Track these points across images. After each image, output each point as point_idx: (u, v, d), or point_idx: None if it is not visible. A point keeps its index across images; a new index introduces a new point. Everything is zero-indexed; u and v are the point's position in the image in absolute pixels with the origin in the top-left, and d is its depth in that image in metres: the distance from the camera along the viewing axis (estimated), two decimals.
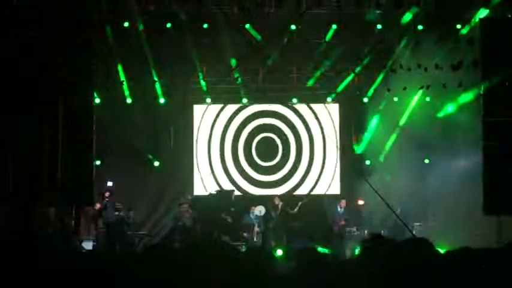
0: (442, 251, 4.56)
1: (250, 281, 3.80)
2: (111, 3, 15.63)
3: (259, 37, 17.10)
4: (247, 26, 16.90)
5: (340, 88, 18.46)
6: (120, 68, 17.34)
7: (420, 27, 16.09)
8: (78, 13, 13.10)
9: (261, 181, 19.23)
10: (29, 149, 12.65)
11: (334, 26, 17.09)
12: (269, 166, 19.26)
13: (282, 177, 19.22)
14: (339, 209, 17.66)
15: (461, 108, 16.08)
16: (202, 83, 18.17)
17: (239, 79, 18.11)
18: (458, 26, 15.57)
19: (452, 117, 16.58)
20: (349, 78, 18.13)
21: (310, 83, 18.33)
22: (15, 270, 3.17)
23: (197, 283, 3.70)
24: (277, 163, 19.27)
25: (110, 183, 17.15)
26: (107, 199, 16.43)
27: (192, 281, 3.69)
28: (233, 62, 17.50)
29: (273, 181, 19.21)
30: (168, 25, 16.63)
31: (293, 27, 16.83)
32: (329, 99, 18.98)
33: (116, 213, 16.58)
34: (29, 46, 12.47)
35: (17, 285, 3.15)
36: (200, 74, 17.92)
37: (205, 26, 16.86)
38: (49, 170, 12.74)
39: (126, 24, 16.46)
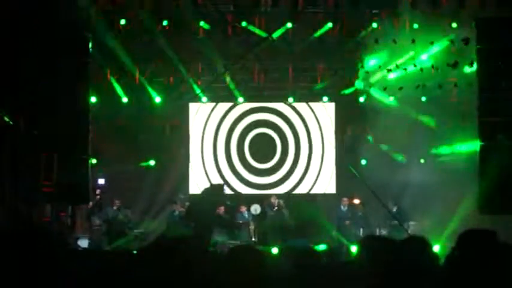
0: (437, 249, 4.59)
1: (245, 280, 3.81)
2: (108, 2, 15.61)
3: (255, 35, 17.11)
4: (244, 24, 16.90)
5: (340, 90, 18.50)
6: (116, 67, 17.37)
7: (416, 26, 16.09)
8: (76, 12, 13.10)
9: (258, 183, 19.22)
10: (26, 147, 12.63)
11: (329, 24, 17.11)
12: (266, 168, 19.24)
13: (280, 178, 19.18)
14: (342, 208, 17.23)
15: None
16: (194, 86, 18.17)
17: (232, 80, 18.14)
18: (454, 25, 15.59)
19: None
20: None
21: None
22: (14, 269, 3.18)
23: (195, 282, 3.72)
24: (274, 164, 19.23)
25: (101, 181, 17.14)
26: (98, 196, 16.42)
27: (190, 280, 3.71)
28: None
29: (270, 183, 19.19)
30: (165, 23, 16.63)
31: (289, 25, 16.86)
32: (325, 98, 18.99)
33: (114, 207, 16.56)
34: (27, 45, 12.45)
35: (16, 285, 3.16)
36: (190, 80, 17.92)
37: (201, 24, 16.89)
38: (45, 168, 12.73)
39: (122, 21, 16.46)
